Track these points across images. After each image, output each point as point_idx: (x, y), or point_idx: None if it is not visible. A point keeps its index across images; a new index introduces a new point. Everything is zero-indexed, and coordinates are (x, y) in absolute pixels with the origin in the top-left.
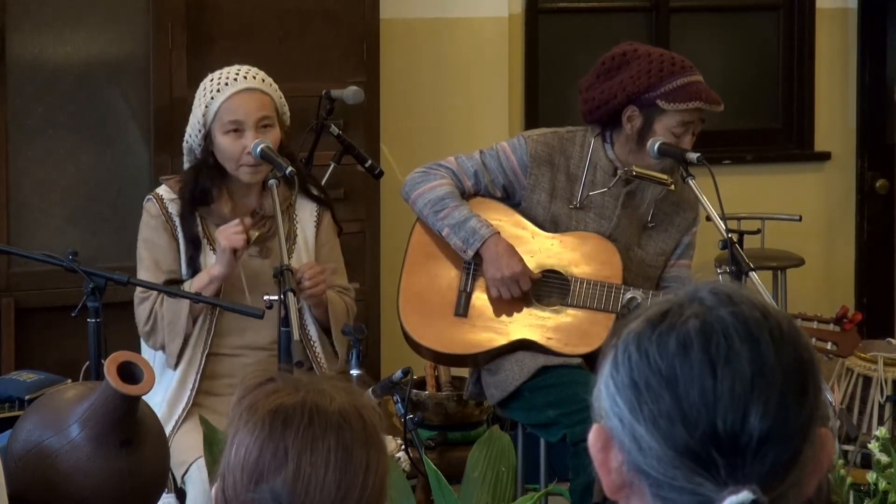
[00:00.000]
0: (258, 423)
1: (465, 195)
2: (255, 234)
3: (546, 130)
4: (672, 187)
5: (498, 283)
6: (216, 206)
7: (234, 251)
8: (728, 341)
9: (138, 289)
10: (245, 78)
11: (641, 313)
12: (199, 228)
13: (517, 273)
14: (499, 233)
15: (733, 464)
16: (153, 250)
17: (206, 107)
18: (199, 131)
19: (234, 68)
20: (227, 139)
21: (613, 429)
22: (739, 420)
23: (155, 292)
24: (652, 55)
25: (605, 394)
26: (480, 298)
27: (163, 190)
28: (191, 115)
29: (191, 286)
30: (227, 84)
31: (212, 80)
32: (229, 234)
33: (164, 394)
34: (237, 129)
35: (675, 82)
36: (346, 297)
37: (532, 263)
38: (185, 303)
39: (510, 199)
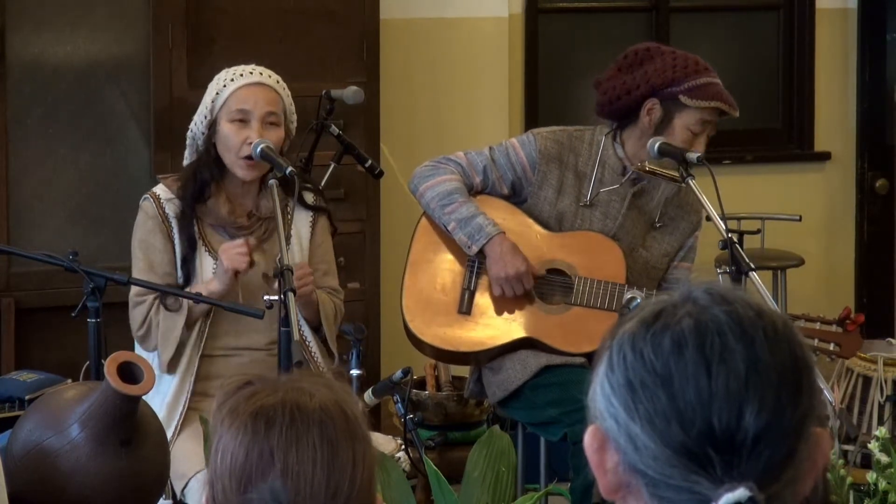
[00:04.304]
0: (241, 427)
1: (473, 191)
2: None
3: (556, 128)
4: (683, 184)
5: (502, 282)
6: (213, 206)
7: (237, 272)
8: (722, 340)
9: (133, 291)
10: (261, 74)
11: (636, 314)
12: (196, 229)
13: (521, 272)
14: (504, 232)
15: (729, 462)
16: (148, 252)
17: (217, 93)
18: (205, 117)
19: (250, 66)
20: (231, 127)
21: (609, 429)
22: (735, 418)
23: (151, 297)
24: (676, 53)
25: (601, 394)
26: (484, 296)
27: (160, 189)
28: (200, 105)
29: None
30: (241, 76)
31: (227, 72)
32: (233, 254)
33: (163, 398)
34: (243, 120)
35: (698, 80)
36: (335, 299)
37: (536, 262)
38: (182, 315)
39: (517, 195)
